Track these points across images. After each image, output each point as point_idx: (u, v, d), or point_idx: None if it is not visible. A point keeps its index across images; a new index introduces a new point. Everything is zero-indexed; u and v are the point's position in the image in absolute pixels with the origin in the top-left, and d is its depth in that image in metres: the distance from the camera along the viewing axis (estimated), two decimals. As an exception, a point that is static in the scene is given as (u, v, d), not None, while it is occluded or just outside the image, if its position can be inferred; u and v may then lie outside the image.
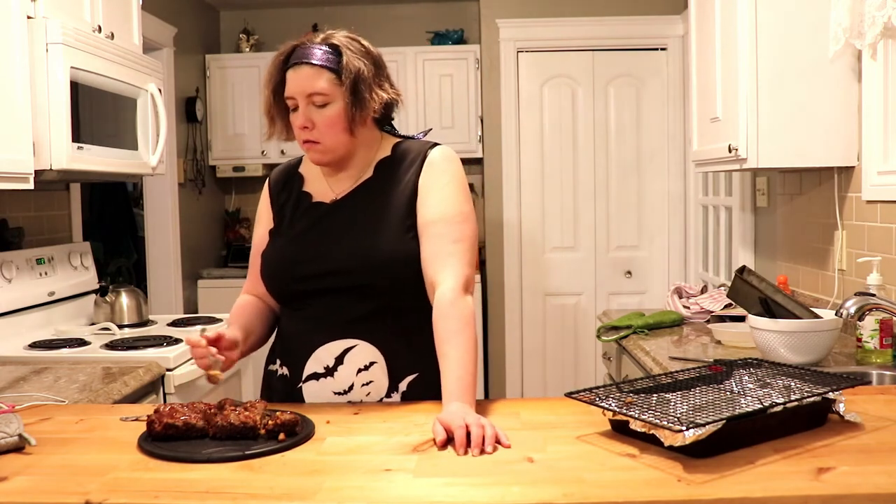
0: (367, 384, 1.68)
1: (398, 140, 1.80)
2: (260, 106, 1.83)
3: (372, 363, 1.67)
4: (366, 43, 1.72)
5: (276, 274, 1.74)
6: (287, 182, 1.83)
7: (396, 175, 1.73)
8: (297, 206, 1.78)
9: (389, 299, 1.67)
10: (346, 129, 1.67)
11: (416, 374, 1.69)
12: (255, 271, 1.81)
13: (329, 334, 1.68)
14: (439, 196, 1.69)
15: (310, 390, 1.70)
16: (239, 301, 1.86)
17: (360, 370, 1.67)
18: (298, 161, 1.86)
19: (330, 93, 1.65)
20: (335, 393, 1.68)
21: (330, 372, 1.68)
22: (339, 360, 1.68)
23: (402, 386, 1.68)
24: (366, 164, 1.75)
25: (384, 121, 1.78)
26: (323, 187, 1.77)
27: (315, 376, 1.69)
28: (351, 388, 1.68)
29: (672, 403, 1.40)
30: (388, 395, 1.68)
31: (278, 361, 1.77)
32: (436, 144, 1.76)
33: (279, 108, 1.72)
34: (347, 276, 1.66)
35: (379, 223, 1.69)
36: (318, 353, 1.68)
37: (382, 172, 1.74)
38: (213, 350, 1.59)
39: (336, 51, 1.66)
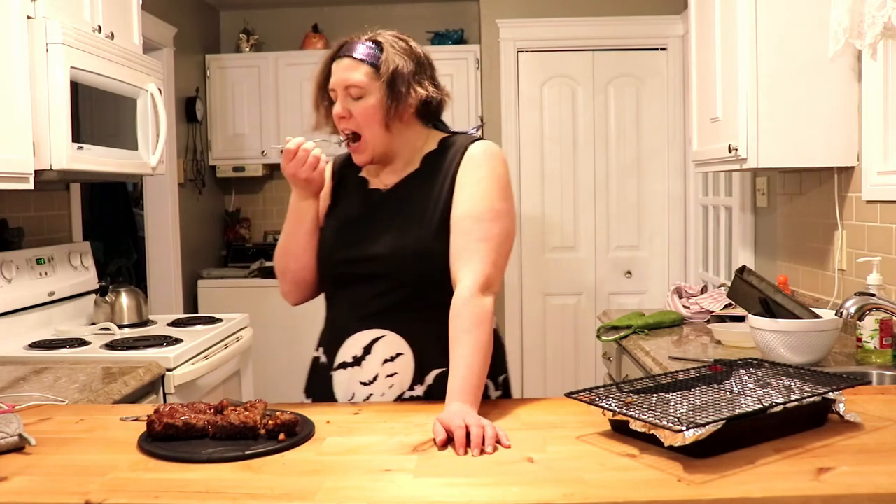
0: (392, 375, 1.69)
1: (446, 135, 1.81)
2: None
3: (399, 354, 1.68)
4: (412, 43, 1.75)
5: (322, 254, 1.78)
6: (347, 166, 1.87)
7: (439, 169, 1.74)
8: (353, 191, 1.82)
9: (420, 292, 1.68)
10: (381, 122, 1.69)
11: (444, 369, 1.66)
12: None
13: (361, 323, 1.71)
14: (472, 191, 1.69)
15: (339, 379, 1.72)
16: None
17: (385, 361, 1.69)
18: None
19: (366, 86, 1.68)
20: (361, 383, 1.70)
21: (358, 362, 1.71)
22: (367, 349, 1.70)
23: (429, 379, 1.68)
24: (413, 157, 1.77)
25: (431, 118, 1.80)
26: (378, 177, 1.81)
27: (344, 365, 1.72)
28: (375, 378, 1.69)
29: (672, 403, 1.40)
30: (411, 388, 1.68)
31: (321, 348, 1.81)
32: (479, 139, 1.76)
33: (324, 99, 1.78)
34: (382, 264, 1.69)
35: (417, 215, 1.70)
36: (349, 342, 1.71)
37: (428, 166, 1.76)
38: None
39: (379, 47, 1.70)
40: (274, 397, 1.80)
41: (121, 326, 2.97)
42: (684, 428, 1.22)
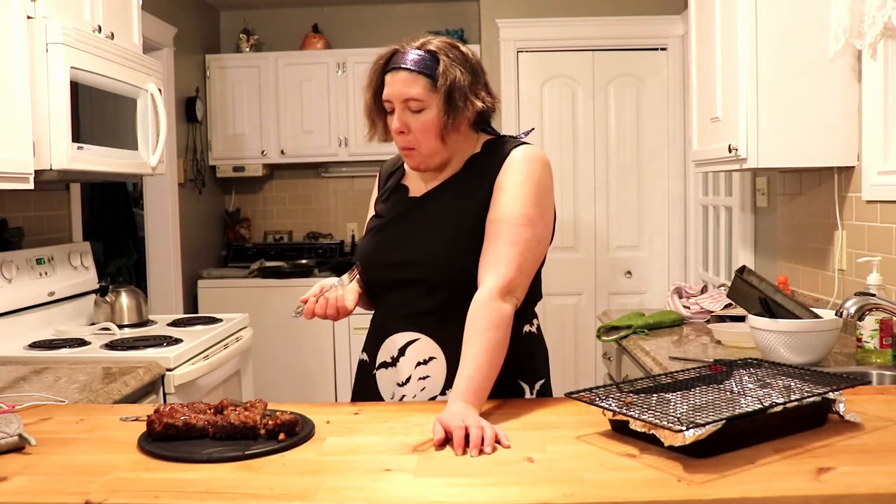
0: (424, 378, 1.70)
1: (491, 138, 1.80)
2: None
3: (431, 358, 1.69)
4: (465, 49, 1.72)
5: (363, 260, 1.80)
6: (392, 174, 1.89)
7: (482, 172, 1.73)
8: (395, 199, 1.83)
9: (454, 296, 1.67)
10: (438, 135, 1.68)
11: None
12: None
13: (398, 325, 1.72)
14: (507, 195, 1.68)
15: (381, 378, 1.76)
16: None
17: (418, 364, 1.70)
18: None
19: (425, 98, 1.66)
20: (397, 384, 1.73)
21: (394, 363, 1.73)
22: (402, 351, 1.72)
23: None
24: (458, 162, 1.77)
25: (483, 124, 1.79)
26: (418, 182, 1.81)
27: (384, 365, 1.75)
28: (408, 380, 1.70)
29: (672, 403, 1.39)
30: (443, 393, 1.69)
31: (365, 351, 1.84)
32: (523, 143, 1.76)
33: (378, 110, 1.74)
34: (416, 269, 1.70)
35: (456, 219, 1.70)
36: (387, 344, 1.74)
37: (470, 169, 1.76)
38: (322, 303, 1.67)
39: (433, 56, 1.67)
40: (274, 397, 1.80)
41: (121, 326, 2.97)
42: (684, 428, 1.22)
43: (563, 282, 4.84)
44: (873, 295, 2.02)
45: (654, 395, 1.45)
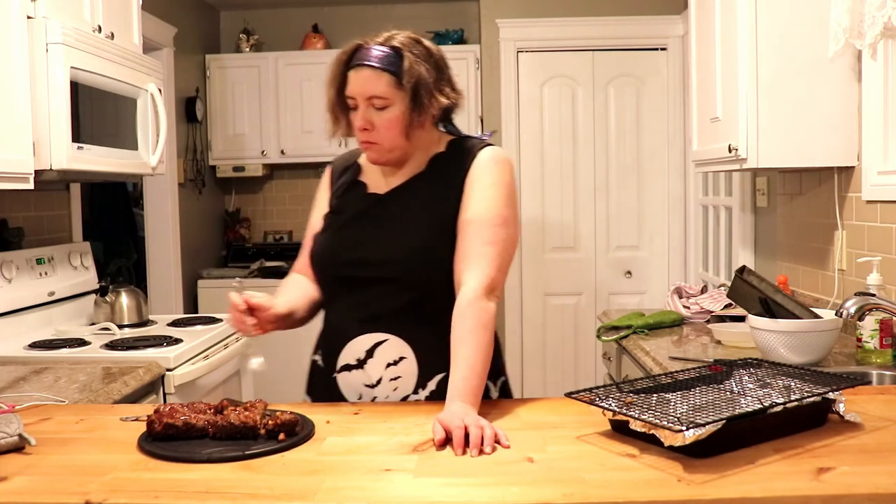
0: (395, 379, 1.68)
1: (455, 137, 1.80)
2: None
3: (401, 358, 1.68)
4: (428, 44, 1.71)
5: (321, 259, 1.77)
6: (346, 170, 1.86)
7: (447, 172, 1.73)
8: (352, 196, 1.80)
9: (423, 295, 1.67)
10: (402, 132, 1.67)
11: (446, 373, 1.66)
12: (305, 254, 1.85)
13: (363, 326, 1.69)
14: (481, 196, 1.68)
15: (344, 381, 1.72)
16: (288, 278, 1.88)
17: (389, 364, 1.68)
18: (360, 151, 1.86)
19: (389, 96, 1.65)
20: (366, 385, 1.70)
21: (360, 364, 1.70)
22: (370, 353, 1.69)
23: (431, 384, 1.68)
24: (422, 160, 1.76)
25: (445, 120, 1.79)
26: (378, 179, 1.79)
27: (347, 367, 1.71)
28: (379, 381, 1.69)
29: (672, 403, 1.40)
30: (415, 392, 1.68)
31: (320, 351, 1.80)
32: (488, 145, 1.76)
33: (342, 106, 1.73)
34: (385, 268, 1.68)
35: (423, 218, 1.70)
36: (352, 345, 1.70)
37: (435, 168, 1.75)
38: (251, 321, 1.66)
39: (397, 53, 1.66)
40: (274, 397, 1.80)
41: (121, 326, 2.97)
42: (684, 428, 1.22)
43: (563, 282, 4.84)
44: (873, 295, 2.02)
45: (654, 395, 1.45)
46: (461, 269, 1.64)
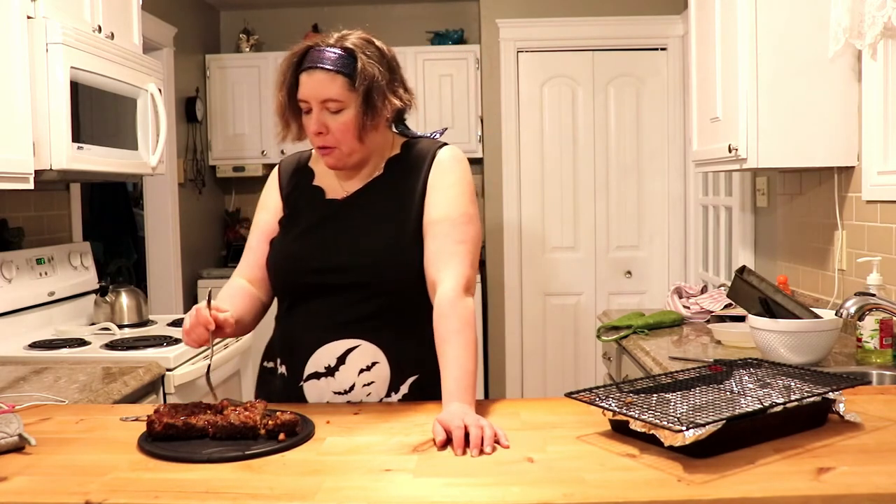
0: (369, 384, 1.67)
1: (408, 139, 1.79)
2: (272, 107, 1.81)
3: (374, 363, 1.67)
4: (380, 45, 1.69)
5: (284, 266, 1.72)
6: (297, 173, 1.82)
7: (406, 174, 1.72)
8: (309, 201, 1.76)
9: (393, 298, 1.67)
10: (357, 135, 1.65)
11: (418, 375, 1.68)
12: (254, 257, 1.78)
13: (332, 333, 1.67)
14: (445, 196, 1.69)
15: (311, 390, 1.69)
16: (232, 284, 1.78)
17: (362, 370, 1.67)
18: (309, 155, 1.85)
19: (344, 99, 1.62)
20: (335, 393, 1.68)
21: (331, 372, 1.67)
22: (342, 360, 1.66)
23: (404, 388, 1.68)
24: (378, 163, 1.75)
25: (398, 122, 1.78)
26: (334, 183, 1.77)
27: (316, 375, 1.68)
28: (352, 388, 1.67)
29: (672, 403, 1.40)
30: (387, 396, 1.68)
31: (278, 359, 1.75)
32: (444, 144, 1.76)
33: (293, 110, 1.69)
34: (352, 273, 1.66)
35: (386, 221, 1.69)
36: (319, 353, 1.67)
37: (392, 171, 1.74)
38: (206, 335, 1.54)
39: (351, 55, 1.63)
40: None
41: (121, 326, 2.97)
42: (684, 428, 1.22)
43: (563, 282, 4.84)
44: (873, 295, 2.02)
45: (654, 395, 1.45)
46: (435, 270, 1.64)
